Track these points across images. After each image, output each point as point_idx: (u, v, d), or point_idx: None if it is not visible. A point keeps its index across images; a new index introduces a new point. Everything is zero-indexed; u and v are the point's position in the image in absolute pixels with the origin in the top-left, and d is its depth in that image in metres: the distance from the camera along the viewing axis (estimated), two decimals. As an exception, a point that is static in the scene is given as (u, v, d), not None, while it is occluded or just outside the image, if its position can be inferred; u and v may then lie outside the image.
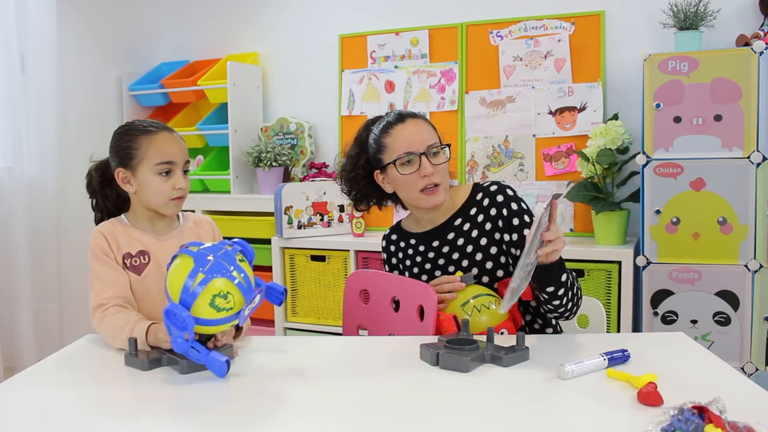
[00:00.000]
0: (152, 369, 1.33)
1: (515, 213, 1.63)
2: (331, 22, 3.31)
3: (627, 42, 2.76)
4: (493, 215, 1.65)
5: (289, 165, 3.29)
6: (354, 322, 1.86)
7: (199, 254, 1.31)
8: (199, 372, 1.31)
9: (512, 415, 1.10)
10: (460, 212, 1.69)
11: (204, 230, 1.71)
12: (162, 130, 1.61)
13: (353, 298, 1.85)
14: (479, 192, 1.69)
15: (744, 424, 0.90)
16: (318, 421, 1.09)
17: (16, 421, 1.12)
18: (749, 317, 2.34)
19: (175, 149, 1.59)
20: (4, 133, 2.85)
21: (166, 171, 1.56)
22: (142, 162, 1.56)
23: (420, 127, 1.63)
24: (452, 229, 1.68)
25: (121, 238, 1.59)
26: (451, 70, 3.06)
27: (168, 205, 1.59)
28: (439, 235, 1.70)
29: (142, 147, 1.56)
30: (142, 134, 1.58)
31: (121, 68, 3.52)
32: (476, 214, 1.67)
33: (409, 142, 1.61)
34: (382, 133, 1.65)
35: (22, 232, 2.87)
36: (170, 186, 1.57)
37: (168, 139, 1.59)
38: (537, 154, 2.89)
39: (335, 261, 2.97)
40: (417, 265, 1.73)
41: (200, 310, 1.28)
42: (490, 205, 1.66)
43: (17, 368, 2.77)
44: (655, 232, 2.43)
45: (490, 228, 1.64)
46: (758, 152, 2.30)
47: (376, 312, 1.80)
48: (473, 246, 1.65)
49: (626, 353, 1.30)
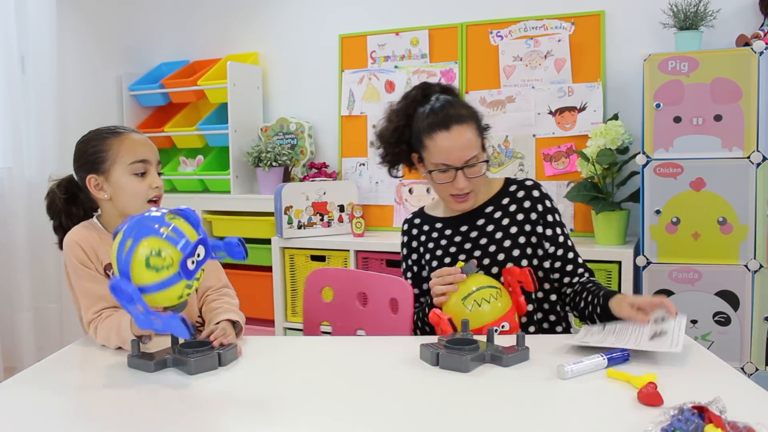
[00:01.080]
0: (158, 371, 1.32)
1: (550, 210, 1.71)
2: (331, 22, 3.31)
3: (627, 42, 2.76)
4: (526, 207, 1.70)
5: (289, 165, 3.29)
6: (316, 320, 1.89)
7: (123, 224, 1.26)
8: (199, 373, 1.31)
9: (512, 415, 1.10)
10: (492, 201, 1.73)
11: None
12: (130, 131, 1.57)
13: (314, 296, 1.88)
14: (513, 185, 1.75)
15: (744, 424, 0.90)
16: (318, 420, 1.09)
17: (16, 421, 1.12)
18: (749, 317, 2.34)
19: (146, 148, 1.55)
20: (4, 133, 2.84)
21: (141, 171, 1.52)
22: (115, 164, 1.52)
23: (463, 139, 1.62)
24: (483, 216, 1.71)
25: (99, 247, 1.53)
26: (451, 70, 3.06)
27: (145, 206, 1.53)
28: (469, 220, 1.72)
29: (113, 149, 1.52)
30: (111, 136, 1.54)
31: (121, 68, 3.52)
32: (509, 204, 1.71)
33: (448, 154, 1.62)
34: (427, 130, 1.64)
35: (22, 232, 2.87)
36: (147, 186, 1.53)
37: (138, 139, 1.56)
38: (537, 154, 2.89)
39: (335, 261, 2.97)
40: (441, 248, 1.74)
41: (139, 275, 1.21)
42: (525, 198, 1.71)
43: (17, 368, 2.77)
44: (655, 232, 2.43)
45: (522, 219, 1.69)
46: (758, 152, 2.30)
47: (340, 308, 1.82)
48: (503, 233, 1.68)
49: (626, 353, 1.30)
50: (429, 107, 1.66)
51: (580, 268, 1.72)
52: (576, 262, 1.72)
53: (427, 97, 1.71)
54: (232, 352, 1.37)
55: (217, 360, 1.34)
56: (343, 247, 2.93)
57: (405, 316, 1.71)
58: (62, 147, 3.02)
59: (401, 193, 3.16)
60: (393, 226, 3.17)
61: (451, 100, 1.68)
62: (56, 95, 3.00)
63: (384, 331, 1.77)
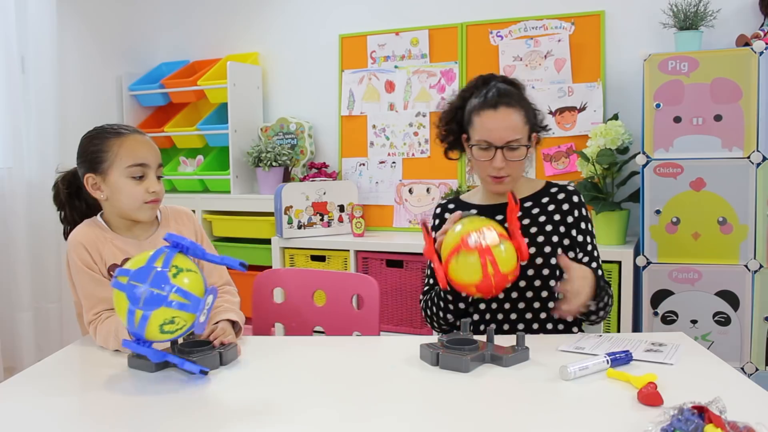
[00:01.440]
0: (158, 371, 1.32)
1: (585, 218, 1.72)
2: (331, 22, 3.31)
3: (627, 42, 2.76)
4: (564, 210, 1.71)
5: (289, 165, 3.29)
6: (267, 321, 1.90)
7: (129, 288, 1.23)
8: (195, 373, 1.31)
9: (512, 415, 1.10)
10: (532, 197, 1.76)
11: (185, 226, 1.66)
12: (133, 132, 1.56)
13: (263, 297, 1.89)
14: (554, 187, 1.77)
15: (744, 424, 0.90)
16: (318, 420, 1.09)
17: (16, 421, 1.12)
18: (749, 317, 2.34)
19: (147, 151, 1.53)
20: (4, 133, 2.84)
21: (139, 175, 1.51)
22: (113, 165, 1.50)
23: (508, 120, 1.64)
24: (520, 209, 1.72)
25: (103, 247, 1.53)
26: (451, 70, 3.06)
27: (142, 209, 1.53)
28: (506, 211, 1.71)
29: (113, 150, 1.51)
30: (112, 137, 1.52)
31: (121, 68, 3.52)
32: (548, 203, 1.74)
33: (490, 132, 1.64)
34: (476, 109, 1.67)
35: (22, 232, 2.87)
36: (143, 189, 1.51)
37: (139, 142, 1.54)
38: (537, 154, 2.89)
39: (335, 261, 2.96)
40: None
41: (154, 337, 1.25)
42: (564, 201, 1.73)
43: (17, 368, 2.77)
44: (655, 232, 2.43)
45: (559, 219, 1.70)
46: (758, 152, 2.30)
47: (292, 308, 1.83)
48: (537, 228, 1.69)
49: (629, 354, 1.30)
50: (485, 91, 1.70)
51: (600, 281, 1.68)
52: (596, 274, 1.68)
53: (487, 83, 1.74)
54: (233, 351, 1.37)
55: (219, 359, 1.34)
56: (343, 247, 2.93)
57: (370, 312, 1.73)
58: (62, 147, 3.02)
59: (401, 193, 3.16)
60: (393, 226, 3.17)
61: (508, 89, 1.71)
62: (56, 95, 3.00)
63: (346, 329, 1.79)
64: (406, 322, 2.86)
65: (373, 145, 3.22)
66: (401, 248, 2.82)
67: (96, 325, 1.48)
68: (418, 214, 3.14)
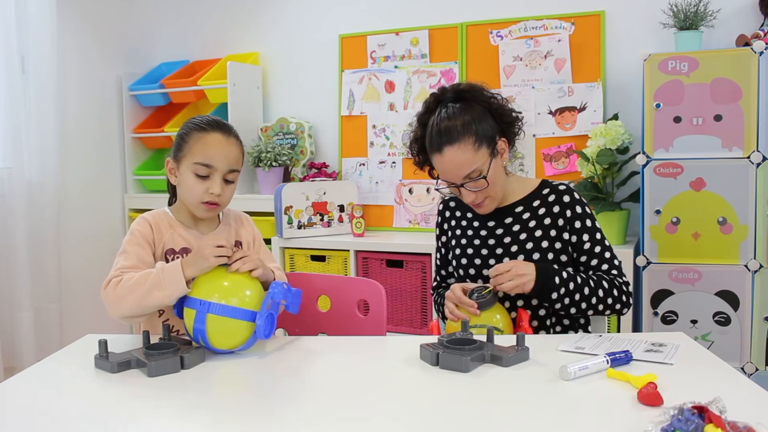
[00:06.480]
0: (121, 372, 1.30)
1: (579, 216, 1.67)
2: (331, 22, 3.31)
3: (627, 42, 2.76)
4: (555, 212, 1.69)
5: (289, 165, 3.29)
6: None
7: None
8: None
9: (512, 415, 1.10)
10: (523, 201, 1.73)
11: (245, 229, 1.70)
12: (216, 130, 1.55)
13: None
14: (547, 188, 1.73)
15: (744, 424, 0.90)
16: (318, 420, 1.09)
17: (16, 421, 1.12)
18: (749, 317, 2.34)
19: (218, 153, 1.52)
20: (4, 133, 2.84)
21: (204, 174, 1.51)
22: (186, 157, 1.52)
23: (456, 160, 1.61)
24: (512, 214, 1.72)
25: (166, 232, 1.56)
26: (451, 70, 3.06)
27: (198, 207, 1.54)
28: (498, 217, 1.73)
29: (190, 142, 1.52)
30: (195, 129, 1.54)
31: (121, 68, 3.52)
32: (538, 207, 1.71)
33: (445, 174, 1.65)
34: (429, 149, 1.67)
35: (22, 232, 2.87)
36: (204, 189, 1.52)
37: (216, 141, 1.53)
38: (537, 154, 2.89)
39: (335, 261, 2.97)
40: (467, 238, 1.76)
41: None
42: (555, 203, 1.70)
43: (17, 368, 2.77)
44: (655, 232, 2.43)
45: (549, 223, 1.68)
46: (758, 152, 2.30)
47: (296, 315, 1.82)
48: (527, 235, 1.68)
49: (629, 354, 1.30)
50: (432, 123, 1.66)
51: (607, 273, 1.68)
52: (599, 268, 1.67)
53: (441, 104, 1.70)
54: (198, 354, 1.34)
55: (180, 363, 1.31)
56: (343, 247, 2.93)
57: (377, 317, 1.72)
58: (62, 147, 3.02)
59: (401, 193, 3.17)
60: (393, 226, 3.18)
61: (451, 113, 1.64)
62: (56, 95, 3.00)
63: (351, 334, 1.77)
64: (406, 322, 2.86)
65: (373, 145, 3.22)
66: (401, 248, 2.82)
67: (120, 278, 1.43)
68: (418, 214, 3.14)
